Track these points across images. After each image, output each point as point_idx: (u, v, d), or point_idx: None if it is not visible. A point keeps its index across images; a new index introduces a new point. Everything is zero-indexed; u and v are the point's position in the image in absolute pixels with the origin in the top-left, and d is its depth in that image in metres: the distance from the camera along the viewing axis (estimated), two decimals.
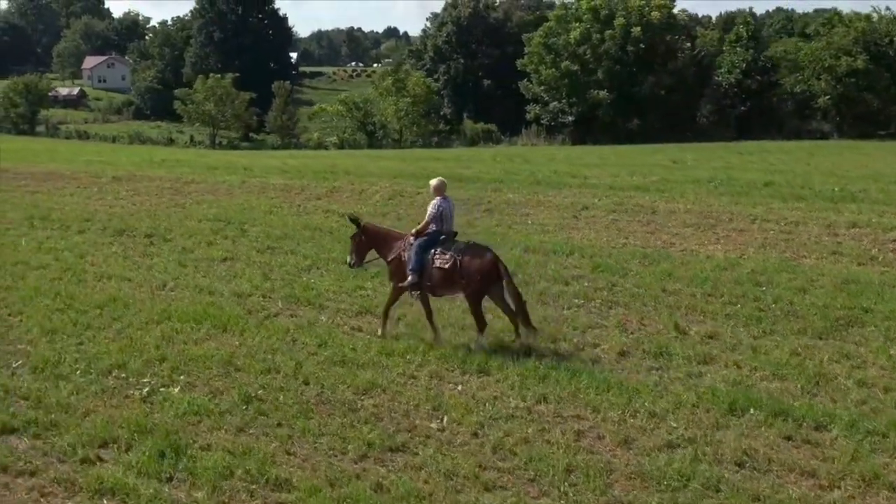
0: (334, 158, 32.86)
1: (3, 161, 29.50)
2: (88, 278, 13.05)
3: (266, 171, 26.55)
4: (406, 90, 59.64)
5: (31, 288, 12.22)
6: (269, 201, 20.69)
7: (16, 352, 9.74)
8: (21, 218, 18.42)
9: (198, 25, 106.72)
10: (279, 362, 9.33)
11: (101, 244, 15.78)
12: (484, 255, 9.39)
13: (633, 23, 53.37)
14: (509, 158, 32.54)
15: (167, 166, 28.24)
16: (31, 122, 69.75)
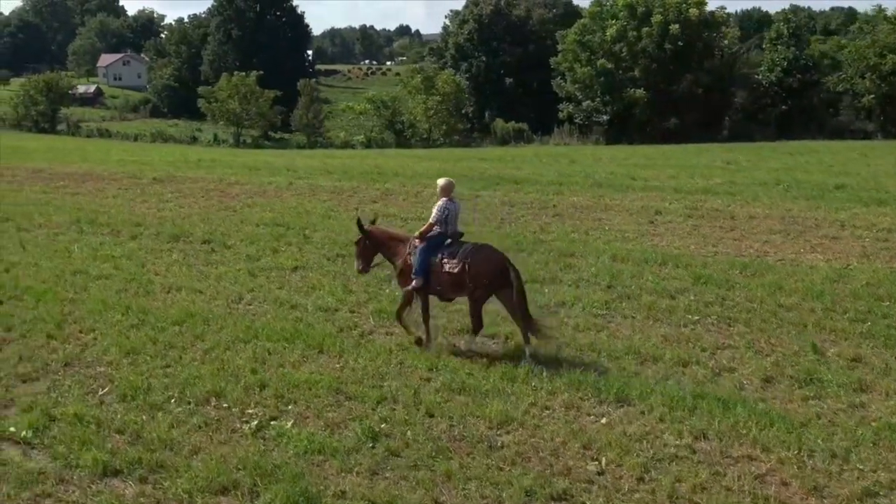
0: (374, 159, 31.96)
1: (37, 160, 28.76)
2: (156, 290, 12.16)
3: (309, 171, 25.69)
4: (435, 88, 58.71)
5: (98, 301, 11.35)
6: (322, 204, 19.80)
7: (97, 376, 8.87)
8: (67, 221, 17.60)
9: (216, 23, 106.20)
10: (394, 389, 8.42)
11: (158, 251, 14.91)
12: (492, 256, 9.09)
13: (671, 20, 52.17)
14: (554, 159, 31.56)
15: (205, 167, 27.40)
16: (51, 120, 69.18)
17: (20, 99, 70.49)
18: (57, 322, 10.48)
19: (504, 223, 17.65)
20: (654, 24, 52.26)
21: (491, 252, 9.21)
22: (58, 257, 14.28)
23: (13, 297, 11.72)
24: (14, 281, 12.45)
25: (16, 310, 11.07)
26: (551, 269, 13.52)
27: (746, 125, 53.44)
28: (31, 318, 10.66)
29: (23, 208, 19.15)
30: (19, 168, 26.97)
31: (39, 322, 10.50)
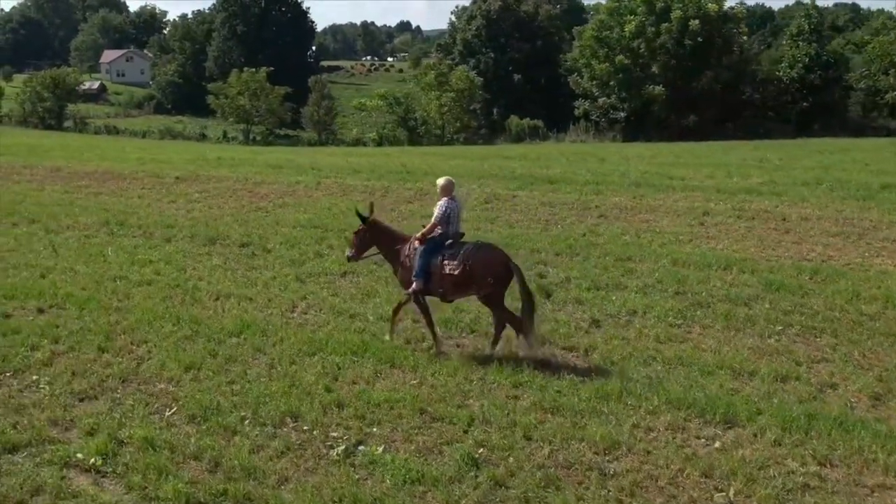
0: (398, 157, 31.30)
1: (53, 159, 28.18)
2: (203, 297, 11.58)
3: (335, 170, 25.05)
4: (448, 85, 58.00)
5: (146, 310, 10.76)
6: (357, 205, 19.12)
7: (158, 393, 8.29)
8: (96, 223, 17.02)
9: (221, 19, 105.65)
10: (483, 409, 7.84)
11: (196, 255, 14.33)
12: (494, 256, 8.93)
13: (691, 15, 51.44)
14: (581, 157, 30.90)
15: (226, 165, 26.78)
16: (58, 117, 68.48)
17: (26, 95, 69.85)
18: (106, 333, 9.90)
19: (549, 225, 17.04)
20: (674, 20, 51.56)
21: (491, 251, 9.04)
22: (94, 262, 13.70)
23: (54, 304, 11.15)
24: (52, 288, 11.86)
25: (59, 319, 10.50)
26: (612, 274, 12.94)
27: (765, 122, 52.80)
28: (78, 328, 10.07)
29: (48, 209, 18.57)
30: (37, 167, 26.37)
31: (87, 333, 9.92)
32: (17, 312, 10.85)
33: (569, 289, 12.14)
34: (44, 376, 8.65)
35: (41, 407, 7.92)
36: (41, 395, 8.22)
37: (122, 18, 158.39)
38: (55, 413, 7.75)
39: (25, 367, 8.92)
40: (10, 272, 12.96)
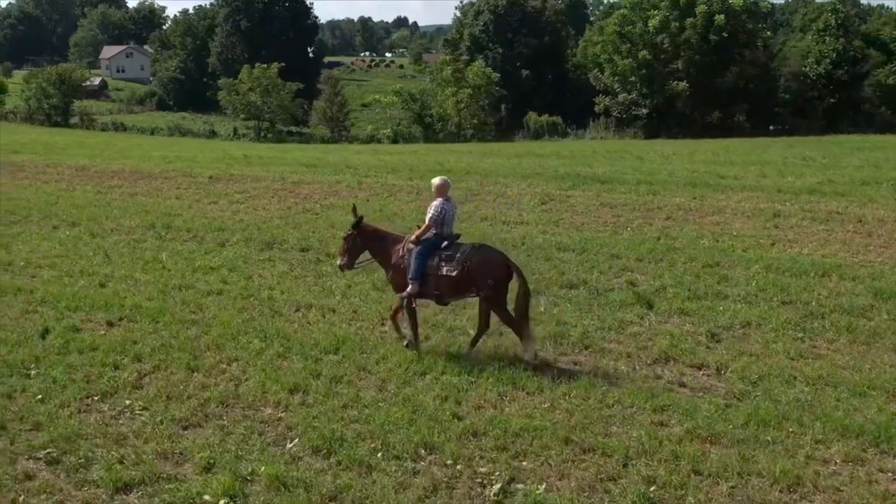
0: (431, 155, 30.57)
1: (75, 157, 27.39)
2: (283, 308, 10.83)
3: (372, 169, 24.31)
4: (465, 80, 57.16)
5: (225, 323, 10.03)
6: (406, 205, 18.45)
7: (267, 420, 7.57)
8: (141, 226, 16.26)
9: (224, 14, 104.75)
10: (633, 439, 7.11)
11: (258, 261, 13.58)
12: (492, 257, 8.73)
13: (716, 10, 50.68)
14: (619, 155, 30.16)
15: (257, 164, 26.06)
16: (64, 113, 67.54)
17: (32, 92, 68.90)
18: (190, 350, 9.17)
19: (618, 228, 16.30)
20: (699, 15, 50.79)
21: (490, 252, 8.86)
22: (151, 269, 12.95)
23: (123, 317, 10.42)
24: (117, 298, 11.12)
25: (134, 334, 9.77)
26: (707, 282, 12.22)
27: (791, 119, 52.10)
28: (159, 345, 9.34)
29: (85, 211, 17.81)
30: (61, 165, 25.61)
31: (170, 350, 9.19)
32: (87, 326, 10.13)
33: (667, 298, 11.41)
34: (136, 400, 7.94)
35: (144, 437, 7.20)
36: (140, 422, 7.48)
37: (121, 14, 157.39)
38: (162, 444, 7.03)
39: (113, 390, 8.19)
40: (65, 280, 12.22)
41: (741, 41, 52.20)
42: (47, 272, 12.75)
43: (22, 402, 7.91)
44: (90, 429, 7.35)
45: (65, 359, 8.94)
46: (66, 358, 8.97)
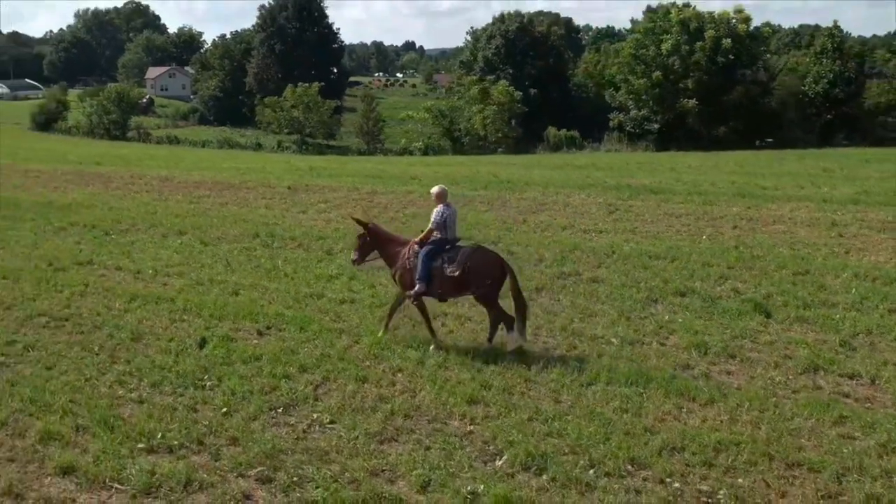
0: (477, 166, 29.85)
1: (155, 168, 26.73)
2: (418, 316, 10.08)
3: (434, 180, 23.52)
4: (490, 98, 56.63)
5: (373, 332, 9.32)
6: (487, 215, 17.71)
7: (458, 433, 6.93)
8: (245, 234, 15.59)
9: (260, 38, 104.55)
10: (834, 452, 6.40)
11: (370, 270, 12.79)
12: (490, 258, 8.79)
13: (723, 34, 50.21)
14: (652, 167, 29.40)
15: (327, 175, 25.40)
16: (122, 128, 67.03)
17: (93, 108, 68.42)
18: (352, 360, 8.49)
19: (692, 236, 15.57)
20: (708, 39, 50.31)
21: (487, 253, 8.92)
22: (275, 277, 12.27)
23: (271, 326, 9.75)
24: (257, 307, 10.45)
25: (288, 343, 9.11)
26: (807, 290, 11.49)
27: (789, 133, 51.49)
28: (318, 354, 8.66)
29: (188, 220, 17.14)
30: (145, 176, 24.96)
31: (330, 360, 8.51)
32: (238, 335, 9.44)
33: (779, 306, 10.70)
34: (322, 413, 7.24)
35: (345, 452, 6.53)
36: (335, 436, 6.79)
37: (164, 39, 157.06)
38: (368, 461, 6.35)
39: (293, 402, 7.52)
40: (198, 288, 11.54)
41: (745, 62, 51.69)
42: (177, 280, 12.07)
43: (209, 414, 7.23)
44: (287, 443, 6.68)
45: (233, 369, 8.26)
46: (233, 368, 8.30)
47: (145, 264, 12.95)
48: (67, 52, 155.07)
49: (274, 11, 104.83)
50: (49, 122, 68.31)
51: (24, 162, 31.12)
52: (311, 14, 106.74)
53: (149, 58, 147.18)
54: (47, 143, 51.53)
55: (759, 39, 52.69)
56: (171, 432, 6.81)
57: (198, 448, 6.61)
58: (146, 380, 8.02)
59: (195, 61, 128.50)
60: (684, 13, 51.59)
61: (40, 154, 36.53)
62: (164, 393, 7.76)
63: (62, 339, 9.31)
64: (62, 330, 9.71)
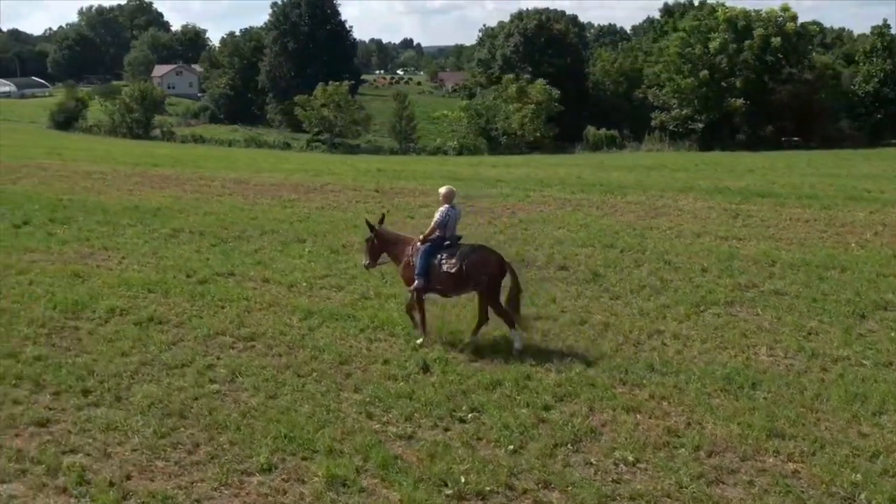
0: (537, 167, 29.19)
1: (219, 169, 26.00)
2: (640, 337, 9.44)
3: (522, 182, 22.92)
4: (528, 97, 56.01)
5: (606, 356, 8.67)
6: (608, 220, 17.03)
7: (786, 473, 6.20)
8: None
9: (273, 36, 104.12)
10: None
11: (531, 281, 12.14)
12: (487, 256, 9.01)
13: (771, 33, 49.66)
14: (729, 168, 28.68)
15: (403, 177, 24.68)
16: (145, 127, 66.20)
17: (115, 107, 67.54)
18: (603, 386, 7.85)
19: (835, 244, 14.91)
20: (756, 37, 49.75)
21: (486, 252, 9.12)
22: (380, 280, 11.71)
23: (482, 346, 9.08)
24: (447, 326, 9.75)
25: (519, 365, 8.41)
26: None
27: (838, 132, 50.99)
28: (562, 379, 8.00)
29: (299, 226, 16.49)
30: (215, 178, 24.27)
31: (577, 385, 7.88)
32: (451, 357, 8.79)
33: None
34: (621, 450, 6.60)
35: (677, 497, 5.87)
36: (647, 476, 6.18)
37: (169, 36, 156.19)
38: None
39: (576, 437, 6.89)
40: (370, 303, 10.85)
41: (792, 61, 51.16)
42: (338, 293, 11.43)
43: (495, 452, 6.62)
44: (607, 487, 6.05)
45: (482, 398, 7.62)
46: (481, 397, 7.67)
47: (292, 276, 12.28)
48: (71, 50, 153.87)
49: (287, 9, 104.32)
50: (69, 121, 67.47)
51: (73, 162, 30.37)
52: (324, 11, 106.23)
53: (154, 55, 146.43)
54: (77, 142, 50.75)
55: (805, 37, 52.15)
56: (469, 475, 6.17)
57: (512, 494, 5.98)
58: (395, 411, 7.39)
59: (204, 59, 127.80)
60: (731, 11, 51.08)
61: (80, 153, 35.75)
62: (423, 427, 7.12)
63: (265, 362, 8.67)
64: (254, 351, 9.08)
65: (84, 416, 7.33)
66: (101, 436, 6.92)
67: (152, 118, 68.37)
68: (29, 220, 16.94)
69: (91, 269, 12.84)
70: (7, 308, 10.54)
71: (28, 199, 19.95)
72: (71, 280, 12.00)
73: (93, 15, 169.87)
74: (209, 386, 8.00)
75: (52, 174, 25.70)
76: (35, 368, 8.40)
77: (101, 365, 8.51)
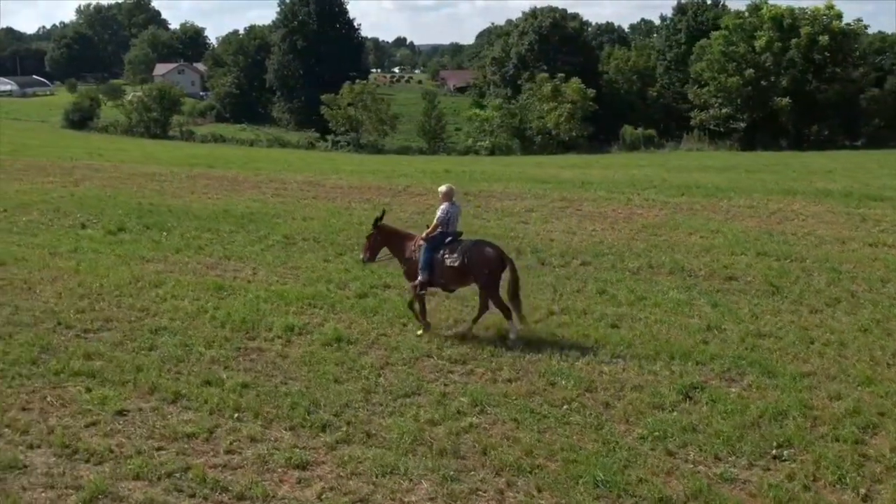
0: (616, 168, 28.40)
1: (276, 171, 25.15)
2: (878, 356, 8.71)
3: (612, 186, 22.09)
4: (563, 96, 55.25)
5: (827, 375, 7.93)
6: (734, 226, 16.26)
7: None
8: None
9: (281, 34, 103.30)
10: None
11: (713, 292, 11.38)
12: (487, 250, 9.32)
13: (818, 31, 49.09)
14: (807, 171, 27.88)
15: (480, 179, 23.88)
16: (163, 126, 65.12)
17: (133, 106, 66.43)
18: None
19: None
20: (804, 35, 49.15)
21: (486, 246, 9.43)
22: (586, 296, 10.98)
23: (729, 368, 8.34)
24: (669, 344, 9.02)
25: (775, 391, 7.67)
26: None
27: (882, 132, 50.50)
28: (850, 409, 7.23)
29: None
30: (289, 181, 23.44)
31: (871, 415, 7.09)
32: (709, 382, 8.03)
33: None
34: None
35: None
36: None
37: (169, 35, 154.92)
38: None
39: None
40: (582, 321, 10.03)
41: (837, 60, 50.60)
42: (542, 314, 10.57)
43: (830, 495, 5.82)
44: None
45: (786, 431, 6.84)
46: (772, 431, 6.88)
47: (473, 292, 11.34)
48: (70, 48, 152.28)
49: (295, 7, 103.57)
50: (84, 120, 66.31)
51: (120, 163, 29.51)
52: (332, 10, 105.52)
53: (154, 54, 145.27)
54: (103, 141, 49.67)
55: (850, 36, 51.61)
56: None
57: None
58: (693, 447, 6.63)
59: (208, 57, 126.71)
60: (777, 10, 50.49)
61: (117, 154, 34.82)
62: (738, 466, 6.36)
63: (498, 388, 7.89)
64: (476, 375, 8.30)
65: (344, 456, 6.55)
66: (384, 481, 6.13)
67: (170, 117, 67.34)
68: (123, 226, 16.13)
69: (228, 280, 12.04)
70: (168, 326, 9.76)
71: (102, 202, 19.13)
72: (216, 293, 11.21)
73: (91, 13, 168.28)
74: (461, 419, 7.20)
75: (108, 176, 24.86)
76: (248, 399, 7.62)
77: (320, 394, 7.73)
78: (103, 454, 6.58)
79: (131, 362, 8.54)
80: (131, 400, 7.66)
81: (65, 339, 9.34)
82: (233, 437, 6.90)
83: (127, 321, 9.99)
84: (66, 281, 11.87)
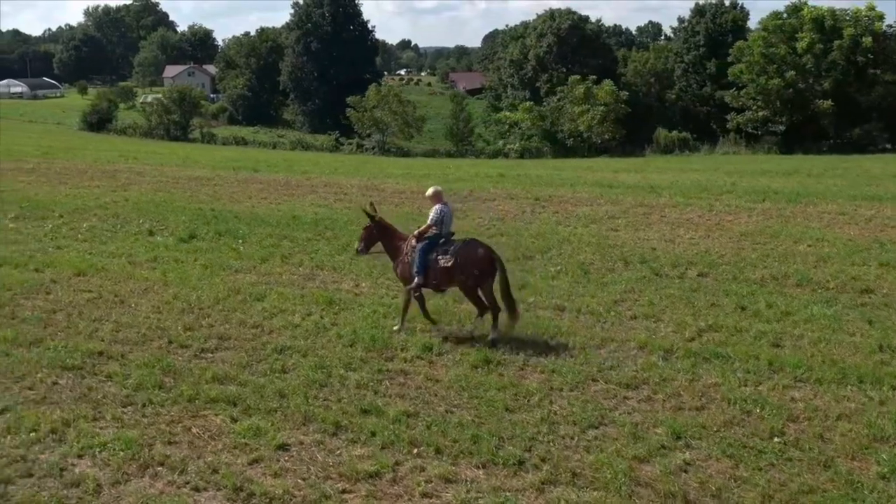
0: (675, 173, 27.64)
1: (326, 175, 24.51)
2: None
3: (677, 189, 21.41)
4: (596, 98, 54.54)
5: None
6: (836, 232, 15.55)
7: None
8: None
9: (295, 36, 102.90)
10: None
11: (850, 307, 10.68)
12: (479, 251, 9.38)
13: (861, 33, 48.30)
14: (878, 177, 27.12)
15: (539, 184, 23.20)
16: (184, 129, 64.51)
17: (153, 108, 65.90)
18: None
19: None
20: (846, 37, 48.34)
21: (477, 246, 9.48)
22: (726, 312, 10.31)
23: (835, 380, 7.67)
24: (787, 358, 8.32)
25: None
26: None
27: None
28: None
29: (524, 242, 14.99)
30: (344, 185, 22.81)
31: None
32: None
33: None
34: None
35: None
36: None
37: (178, 36, 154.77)
38: None
39: None
40: (738, 339, 9.33)
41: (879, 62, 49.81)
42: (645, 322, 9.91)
43: None
44: None
45: None
46: None
47: (614, 308, 10.66)
48: (78, 51, 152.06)
49: (309, 9, 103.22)
50: (102, 122, 65.78)
51: (159, 166, 28.90)
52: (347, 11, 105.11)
53: (164, 56, 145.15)
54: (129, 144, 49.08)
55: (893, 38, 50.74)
56: None
57: None
58: None
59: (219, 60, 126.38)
60: (818, 11, 49.66)
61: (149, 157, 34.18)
62: None
63: (689, 419, 7.19)
64: (655, 403, 7.60)
65: (560, 500, 5.85)
66: None
67: (191, 120, 66.78)
68: (194, 233, 15.47)
69: (332, 292, 11.36)
70: (292, 345, 9.08)
71: (160, 207, 18.51)
72: (328, 307, 10.53)
73: (99, 15, 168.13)
74: (669, 455, 6.51)
75: (154, 180, 24.25)
76: (419, 430, 6.93)
77: (496, 425, 7.03)
78: (284, 499, 5.91)
79: (270, 387, 7.87)
80: (287, 432, 6.98)
81: (184, 360, 8.69)
82: (421, 476, 6.22)
83: (244, 339, 9.33)
84: (158, 293, 11.23)
